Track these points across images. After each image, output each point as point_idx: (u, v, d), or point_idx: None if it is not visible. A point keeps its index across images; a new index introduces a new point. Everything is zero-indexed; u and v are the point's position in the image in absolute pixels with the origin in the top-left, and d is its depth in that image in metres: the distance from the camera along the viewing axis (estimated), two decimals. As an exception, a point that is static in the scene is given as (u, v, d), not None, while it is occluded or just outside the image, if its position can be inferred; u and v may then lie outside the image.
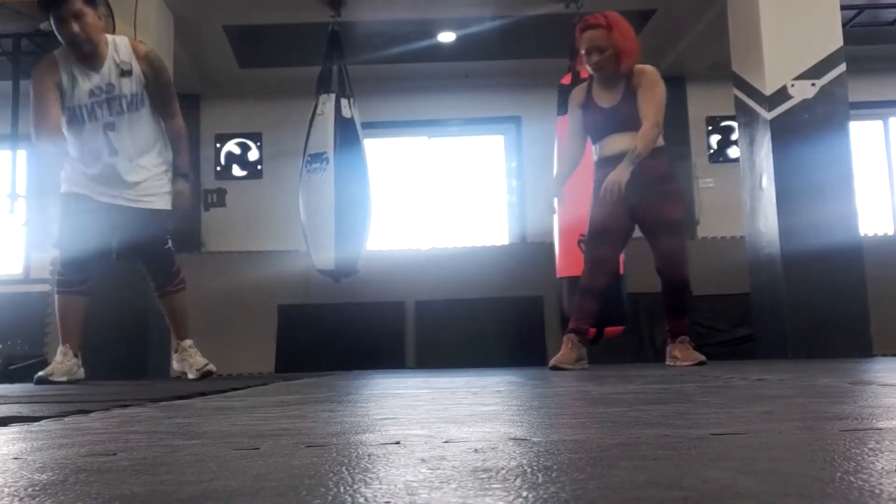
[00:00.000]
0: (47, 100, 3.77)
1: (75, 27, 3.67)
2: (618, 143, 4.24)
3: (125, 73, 3.77)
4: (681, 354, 4.33)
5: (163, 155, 4.03)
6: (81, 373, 4.09)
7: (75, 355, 4.02)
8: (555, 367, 4.16)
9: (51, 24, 3.77)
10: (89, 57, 3.76)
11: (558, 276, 5.75)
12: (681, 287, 4.33)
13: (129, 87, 3.79)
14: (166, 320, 4.26)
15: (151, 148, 3.95)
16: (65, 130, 3.86)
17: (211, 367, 4.16)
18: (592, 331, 4.76)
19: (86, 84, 3.77)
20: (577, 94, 4.44)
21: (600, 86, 4.31)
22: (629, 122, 4.20)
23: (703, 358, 4.29)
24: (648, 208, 4.21)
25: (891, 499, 0.52)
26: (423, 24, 7.27)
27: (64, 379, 3.91)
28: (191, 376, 4.15)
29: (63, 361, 3.96)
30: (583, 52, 4.25)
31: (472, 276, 7.19)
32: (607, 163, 4.27)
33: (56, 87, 3.77)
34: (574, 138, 4.47)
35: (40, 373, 3.95)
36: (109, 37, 3.86)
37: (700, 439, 0.89)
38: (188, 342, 4.21)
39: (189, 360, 4.17)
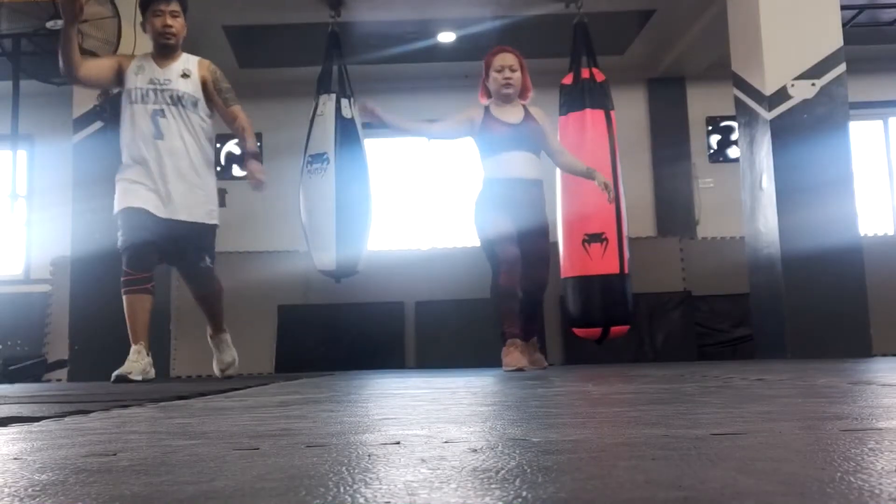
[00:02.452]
0: (102, 59, 4.54)
1: (169, 20, 4.29)
2: (521, 165, 4.68)
3: (185, 75, 4.34)
4: (536, 357, 4.85)
5: (209, 168, 4.45)
6: (153, 372, 4.22)
7: (148, 353, 4.16)
8: (520, 369, 4.41)
9: (144, 18, 4.39)
10: (168, 50, 4.34)
11: (563, 276, 5.75)
12: (540, 301, 4.92)
13: (185, 86, 4.32)
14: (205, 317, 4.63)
15: (196, 152, 4.33)
16: (122, 112, 4.37)
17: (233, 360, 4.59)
18: (591, 331, 4.86)
19: (149, 74, 4.32)
20: (474, 110, 4.79)
21: (499, 106, 4.76)
22: (531, 142, 4.70)
23: (545, 364, 4.93)
24: (531, 235, 4.67)
25: (891, 499, 0.52)
26: (423, 24, 7.27)
27: (140, 378, 4.01)
28: (216, 373, 4.62)
29: (138, 360, 4.08)
30: (497, 68, 4.71)
31: (472, 276, 7.17)
32: (509, 184, 4.65)
33: (117, 64, 4.39)
34: (448, 126, 4.86)
35: (117, 371, 4.02)
36: (185, 53, 4.44)
37: (700, 439, 0.89)
38: (224, 336, 4.63)
39: (217, 351, 4.61)
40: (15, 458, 0.88)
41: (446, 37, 7.57)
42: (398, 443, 0.94)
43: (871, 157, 8.44)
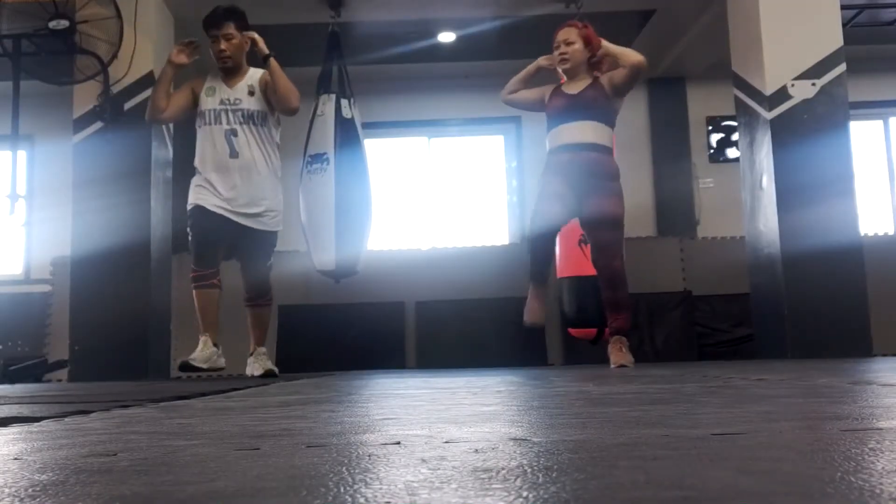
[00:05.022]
0: (176, 93, 4.63)
1: (223, 45, 4.47)
2: (573, 132, 4.52)
3: (251, 92, 4.53)
4: (613, 356, 4.52)
5: (277, 178, 4.67)
6: (222, 362, 4.55)
7: (215, 345, 4.46)
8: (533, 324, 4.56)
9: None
10: (230, 72, 4.54)
11: (559, 276, 5.74)
12: (616, 281, 4.51)
13: (253, 104, 4.52)
14: (248, 326, 4.78)
15: (267, 165, 4.56)
16: (197, 131, 4.60)
17: (275, 369, 4.72)
18: (586, 332, 4.83)
19: (220, 95, 4.52)
20: (547, 87, 4.78)
21: (567, 82, 4.68)
22: (589, 110, 4.52)
23: (630, 361, 4.48)
24: (591, 202, 4.46)
25: (891, 499, 0.52)
26: (423, 24, 7.27)
27: (205, 366, 4.37)
28: (256, 374, 4.67)
29: (203, 349, 4.41)
30: (555, 44, 4.65)
31: (472, 276, 7.19)
32: (564, 149, 4.51)
33: (190, 91, 4.62)
34: (529, 94, 4.84)
35: (183, 359, 4.40)
36: (251, 69, 4.63)
37: (700, 439, 0.89)
38: (263, 349, 4.78)
39: (259, 362, 4.72)
40: (15, 459, 0.88)
41: (446, 37, 7.57)
42: (398, 443, 0.94)
43: (871, 157, 8.44)
